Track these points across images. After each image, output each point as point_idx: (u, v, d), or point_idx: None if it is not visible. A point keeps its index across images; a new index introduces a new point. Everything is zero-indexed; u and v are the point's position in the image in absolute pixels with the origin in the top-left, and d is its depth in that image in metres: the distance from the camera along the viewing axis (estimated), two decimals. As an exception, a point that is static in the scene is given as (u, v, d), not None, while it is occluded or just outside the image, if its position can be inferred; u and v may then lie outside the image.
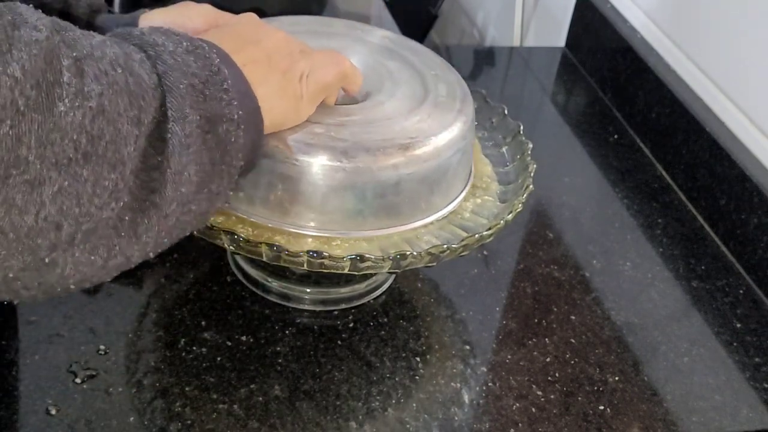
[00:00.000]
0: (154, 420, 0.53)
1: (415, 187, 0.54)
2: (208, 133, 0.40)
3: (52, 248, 0.35)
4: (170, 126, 0.39)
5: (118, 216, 0.37)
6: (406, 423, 0.55)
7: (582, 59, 1.00)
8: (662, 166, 0.84)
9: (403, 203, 0.54)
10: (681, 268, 0.72)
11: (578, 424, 0.57)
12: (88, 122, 0.35)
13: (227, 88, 0.42)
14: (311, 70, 0.50)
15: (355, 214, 0.53)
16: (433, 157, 0.54)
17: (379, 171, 0.52)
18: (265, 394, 0.56)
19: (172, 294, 0.62)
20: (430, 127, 0.55)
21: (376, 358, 0.59)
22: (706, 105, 0.81)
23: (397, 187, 0.53)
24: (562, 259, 0.71)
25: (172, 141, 0.39)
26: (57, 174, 0.34)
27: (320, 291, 0.62)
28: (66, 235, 0.36)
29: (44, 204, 0.34)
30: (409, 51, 0.62)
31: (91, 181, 0.36)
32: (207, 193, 0.42)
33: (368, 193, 0.52)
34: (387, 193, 0.53)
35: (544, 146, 0.83)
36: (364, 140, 0.52)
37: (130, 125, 0.37)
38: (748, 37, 0.75)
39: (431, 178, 0.55)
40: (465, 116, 0.57)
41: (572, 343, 0.63)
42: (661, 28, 0.88)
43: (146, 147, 0.38)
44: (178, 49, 0.41)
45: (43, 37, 0.34)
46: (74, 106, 0.34)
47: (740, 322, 0.67)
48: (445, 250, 0.52)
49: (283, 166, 0.51)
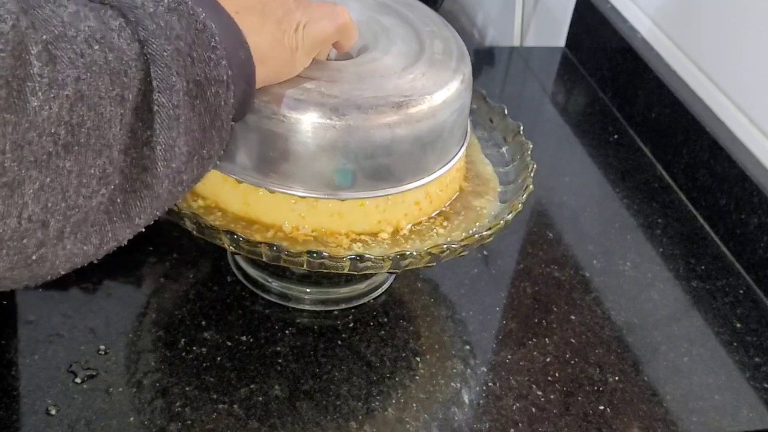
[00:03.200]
0: (154, 420, 0.53)
1: (408, 147, 0.52)
2: (196, 99, 0.38)
3: (40, 245, 0.34)
4: (156, 97, 0.36)
5: (109, 200, 0.36)
6: (406, 423, 0.55)
7: (582, 59, 1.00)
8: (662, 166, 0.84)
9: (394, 164, 0.52)
10: (681, 268, 0.72)
11: (578, 424, 0.57)
12: (66, 112, 0.32)
13: (215, 46, 0.39)
14: (308, 21, 0.47)
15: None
16: (428, 116, 0.52)
17: (370, 130, 0.50)
18: (265, 394, 0.56)
19: (172, 294, 0.62)
20: (425, 86, 0.53)
21: (376, 358, 0.59)
22: (706, 105, 0.81)
23: (389, 148, 0.51)
24: (562, 259, 0.71)
25: (159, 113, 0.37)
26: (37, 172, 0.32)
27: (320, 291, 0.62)
28: (54, 231, 0.34)
29: (26, 204, 0.32)
30: (405, 6, 0.60)
31: (75, 172, 0.33)
32: (198, 160, 0.40)
33: (359, 153, 0.50)
34: (378, 154, 0.51)
35: (544, 146, 0.83)
36: (356, 97, 0.50)
37: (114, 106, 0.34)
38: (748, 37, 0.75)
39: (425, 139, 0.53)
40: (461, 75, 0.55)
41: (572, 343, 0.63)
42: (661, 28, 0.88)
43: (133, 122, 0.36)
44: (159, 9, 0.38)
45: (9, 27, 0.31)
46: (49, 98, 0.32)
47: (740, 322, 0.67)
48: (444, 250, 0.52)
49: (270, 123, 0.49)
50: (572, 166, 0.84)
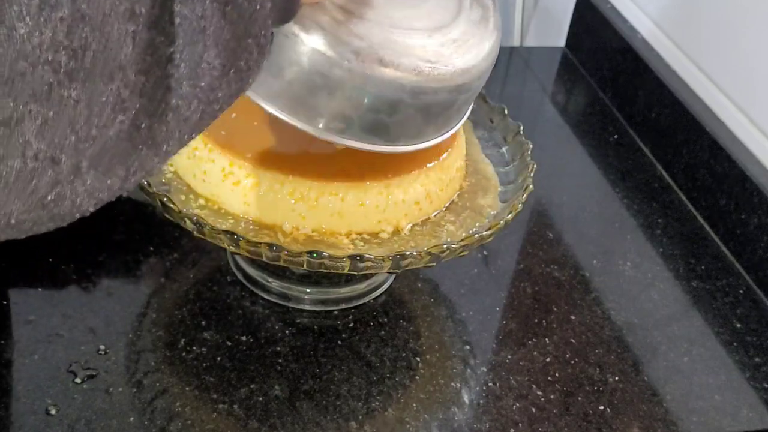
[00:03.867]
0: (154, 420, 0.53)
1: (413, 113, 0.49)
2: (227, 5, 0.33)
3: (54, 184, 0.30)
4: (177, 8, 0.31)
5: (132, 126, 0.31)
6: (406, 423, 0.55)
7: (582, 59, 1.00)
8: (662, 166, 0.84)
9: (394, 125, 0.50)
10: (681, 268, 0.72)
11: (578, 424, 0.57)
12: (63, 36, 0.28)
13: None
14: None
15: (343, 119, 0.48)
16: (444, 90, 0.49)
17: (383, 86, 0.47)
18: (265, 394, 0.56)
19: (172, 294, 0.62)
20: (451, 57, 0.49)
21: (376, 358, 0.59)
22: (706, 105, 0.81)
23: (395, 108, 0.48)
24: (562, 259, 0.71)
25: (182, 26, 0.32)
26: (38, 106, 0.28)
27: (320, 291, 0.62)
28: (68, 167, 0.30)
29: (29, 143, 0.29)
30: None
31: (84, 102, 0.30)
32: (235, 74, 0.35)
33: (363, 103, 0.47)
34: (382, 110, 0.48)
35: (544, 146, 0.83)
36: (380, 48, 0.47)
37: (122, 23, 0.30)
38: (749, 37, 0.75)
39: (432, 110, 0.51)
40: (489, 52, 0.52)
41: (572, 343, 0.63)
42: (661, 28, 0.88)
43: (150, 39, 0.31)
44: None
45: None
46: (39, 23, 0.28)
47: (740, 322, 0.67)
48: (444, 250, 0.52)
49: (287, 41, 0.45)
50: (572, 166, 0.84)
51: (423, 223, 0.58)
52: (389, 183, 0.56)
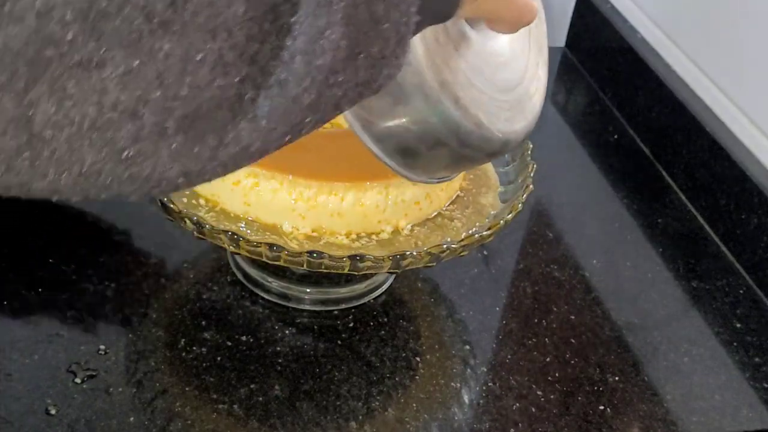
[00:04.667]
0: (154, 420, 0.53)
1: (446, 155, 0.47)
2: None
3: (134, 140, 0.27)
4: None
5: (236, 95, 0.28)
6: (406, 423, 0.55)
7: (582, 59, 1.00)
8: (662, 166, 0.84)
9: (424, 157, 0.47)
10: (681, 268, 0.72)
11: (578, 424, 0.57)
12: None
13: None
14: None
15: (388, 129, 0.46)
16: (481, 152, 0.48)
17: (446, 122, 0.44)
18: (265, 394, 0.56)
19: (172, 294, 0.62)
20: (504, 123, 0.47)
21: (376, 358, 0.59)
22: (706, 105, 0.81)
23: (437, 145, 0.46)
24: (562, 259, 0.71)
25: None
26: (122, 53, 0.25)
27: (320, 291, 0.62)
28: (150, 125, 0.27)
29: (106, 90, 0.26)
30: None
31: (177, 56, 0.26)
32: (365, 60, 0.31)
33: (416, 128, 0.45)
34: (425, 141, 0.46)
35: (544, 146, 0.83)
36: (461, 87, 0.44)
37: None
38: (748, 37, 0.75)
39: (461, 162, 0.49)
40: (527, 133, 0.50)
41: (572, 343, 0.63)
42: (661, 28, 0.88)
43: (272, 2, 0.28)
44: None
45: None
46: None
47: (740, 322, 0.67)
48: (445, 250, 0.52)
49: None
50: (572, 166, 0.84)
51: (423, 223, 0.58)
52: (389, 183, 0.56)
